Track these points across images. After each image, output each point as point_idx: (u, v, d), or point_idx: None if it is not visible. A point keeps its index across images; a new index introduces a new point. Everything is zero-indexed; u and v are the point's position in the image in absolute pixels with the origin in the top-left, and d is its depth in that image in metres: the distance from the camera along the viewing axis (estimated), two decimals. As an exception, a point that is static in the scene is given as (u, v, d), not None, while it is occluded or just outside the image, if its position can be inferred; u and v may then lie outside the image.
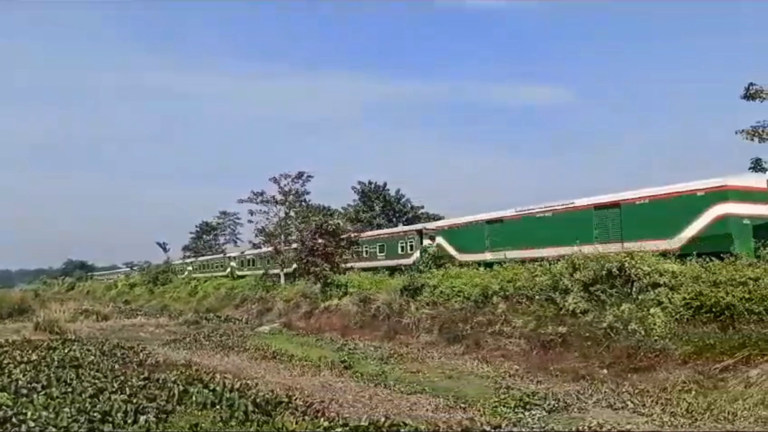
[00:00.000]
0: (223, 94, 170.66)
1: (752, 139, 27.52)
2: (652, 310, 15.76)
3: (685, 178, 20.88)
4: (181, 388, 12.75)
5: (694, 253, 17.96)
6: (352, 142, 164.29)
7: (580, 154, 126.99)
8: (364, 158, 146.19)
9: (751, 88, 27.84)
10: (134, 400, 11.45)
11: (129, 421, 10.15)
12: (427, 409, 12.36)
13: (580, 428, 10.56)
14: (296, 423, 10.23)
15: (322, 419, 10.58)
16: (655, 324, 15.34)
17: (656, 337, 15.02)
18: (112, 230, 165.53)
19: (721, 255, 17.02)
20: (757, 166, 27.34)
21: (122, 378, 14.04)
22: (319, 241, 36.61)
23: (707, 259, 17.00)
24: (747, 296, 14.09)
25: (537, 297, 19.56)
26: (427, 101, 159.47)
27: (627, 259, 17.46)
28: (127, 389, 12.56)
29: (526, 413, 11.74)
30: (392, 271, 33.62)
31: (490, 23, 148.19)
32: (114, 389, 12.51)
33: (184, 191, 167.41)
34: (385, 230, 44.46)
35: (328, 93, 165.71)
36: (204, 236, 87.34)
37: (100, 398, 11.57)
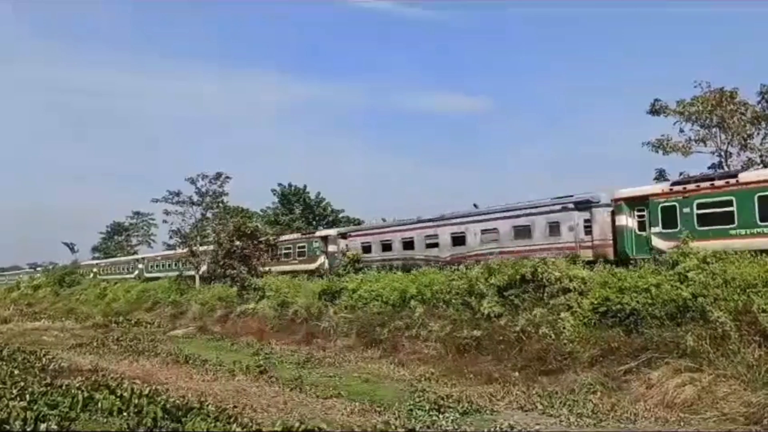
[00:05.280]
0: (136, 91, 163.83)
1: (657, 151, 29.24)
2: (562, 315, 16.30)
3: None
4: (86, 394, 12.20)
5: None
6: (273, 144, 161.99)
7: (495, 162, 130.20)
8: (285, 161, 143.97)
9: (656, 103, 29.56)
10: (34, 408, 10.86)
11: (28, 429, 9.66)
12: (342, 413, 12.35)
13: (492, 430, 10.80)
14: (207, 429, 9.98)
15: (234, 425, 10.37)
16: (564, 328, 15.87)
17: (565, 341, 15.55)
18: (13, 229, 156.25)
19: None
20: (660, 177, 28.88)
21: (22, 384, 13.28)
22: (237, 243, 35.96)
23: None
24: (650, 302, 14.76)
25: (453, 301, 19.86)
26: (351, 105, 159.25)
27: (540, 264, 17.99)
28: (27, 396, 11.89)
29: (440, 416, 11.91)
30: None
31: (416, 32, 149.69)
32: (13, 396, 11.82)
33: (94, 190, 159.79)
34: None
35: (249, 93, 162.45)
36: (115, 237, 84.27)
37: (-3, 406, 10.89)
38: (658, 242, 20.13)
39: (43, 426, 9.80)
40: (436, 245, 28.59)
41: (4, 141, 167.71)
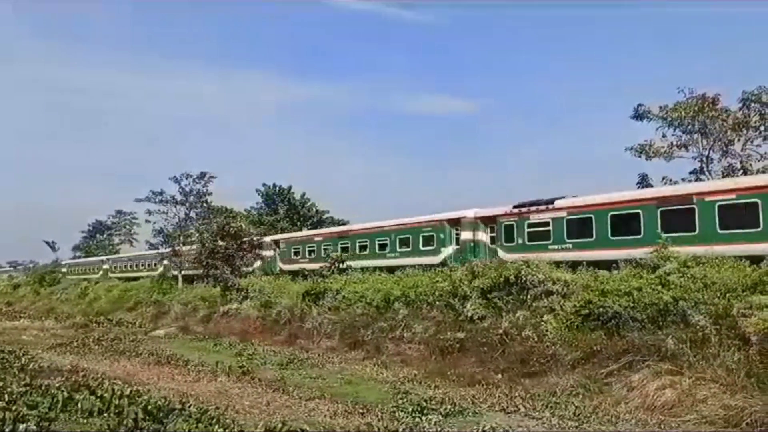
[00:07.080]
0: (136, 91, 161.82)
1: (640, 156, 29.42)
2: (545, 317, 16.38)
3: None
4: (66, 394, 12.03)
5: None
6: (273, 145, 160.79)
7: (495, 162, 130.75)
8: (285, 161, 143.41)
9: (639, 108, 29.75)
10: (13, 408, 10.68)
11: (7, 430, 9.49)
12: (325, 415, 12.30)
13: (474, 432, 10.83)
14: (189, 430, 9.90)
15: (216, 426, 10.29)
16: (547, 330, 15.95)
17: (548, 343, 15.62)
18: (14, 229, 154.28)
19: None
20: (643, 181, 29.09)
21: (1, 384, 13.10)
22: (220, 243, 35.76)
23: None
24: (631, 305, 14.85)
25: (437, 303, 19.87)
26: (351, 105, 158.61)
27: (523, 267, 18.06)
28: (6, 396, 11.71)
29: (423, 418, 11.90)
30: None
31: (416, 33, 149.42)
32: (-9, 396, 11.66)
33: (93, 190, 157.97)
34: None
35: (249, 93, 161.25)
36: (97, 235, 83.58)
37: (-26, 406, 10.73)
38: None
39: (22, 426, 9.65)
40: None
41: (3, 141, 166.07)
